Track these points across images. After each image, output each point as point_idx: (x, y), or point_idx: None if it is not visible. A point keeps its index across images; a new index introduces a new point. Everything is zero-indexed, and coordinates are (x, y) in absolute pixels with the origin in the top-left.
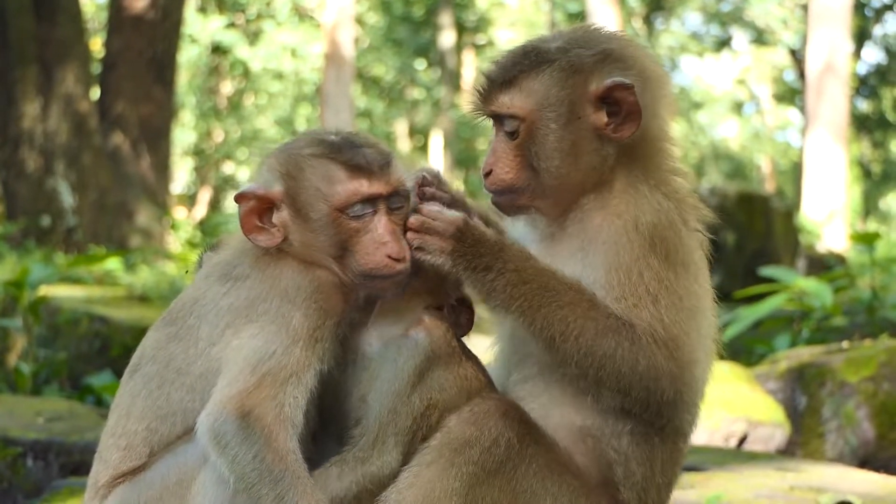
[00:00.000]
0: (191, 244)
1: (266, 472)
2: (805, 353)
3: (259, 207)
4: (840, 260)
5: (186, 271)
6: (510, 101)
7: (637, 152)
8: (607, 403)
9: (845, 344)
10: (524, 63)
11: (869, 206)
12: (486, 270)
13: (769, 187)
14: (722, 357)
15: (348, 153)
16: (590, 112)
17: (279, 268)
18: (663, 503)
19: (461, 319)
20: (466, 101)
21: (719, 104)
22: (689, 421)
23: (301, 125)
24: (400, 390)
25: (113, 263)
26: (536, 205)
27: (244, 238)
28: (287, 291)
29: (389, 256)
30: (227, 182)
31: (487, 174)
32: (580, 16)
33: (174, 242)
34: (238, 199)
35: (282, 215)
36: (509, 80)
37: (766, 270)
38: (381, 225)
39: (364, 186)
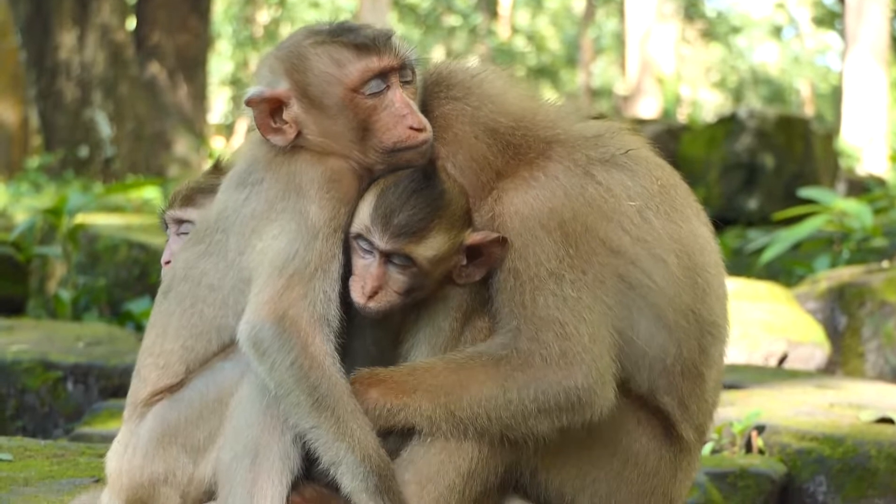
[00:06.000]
0: None
1: (303, 379)
2: (845, 273)
3: (270, 108)
4: (880, 183)
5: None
6: None
7: None
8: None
9: (885, 264)
10: None
11: None
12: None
13: (808, 112)
14: (760, 277)
15: (350, 34)
16: None
17: (292, 164)
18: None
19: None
20: None
21: (758, 28)
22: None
23: None
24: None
25: (151, 192)
26: None
27: (254, 143)
28: (301, 186)
29: (411, 127)
30: None
31: None
32: None
33: None
34: (249, 104)
35: (292, 111)
36: None
37: (806, 191)
38: (397, 98)
39: (375, 62)
